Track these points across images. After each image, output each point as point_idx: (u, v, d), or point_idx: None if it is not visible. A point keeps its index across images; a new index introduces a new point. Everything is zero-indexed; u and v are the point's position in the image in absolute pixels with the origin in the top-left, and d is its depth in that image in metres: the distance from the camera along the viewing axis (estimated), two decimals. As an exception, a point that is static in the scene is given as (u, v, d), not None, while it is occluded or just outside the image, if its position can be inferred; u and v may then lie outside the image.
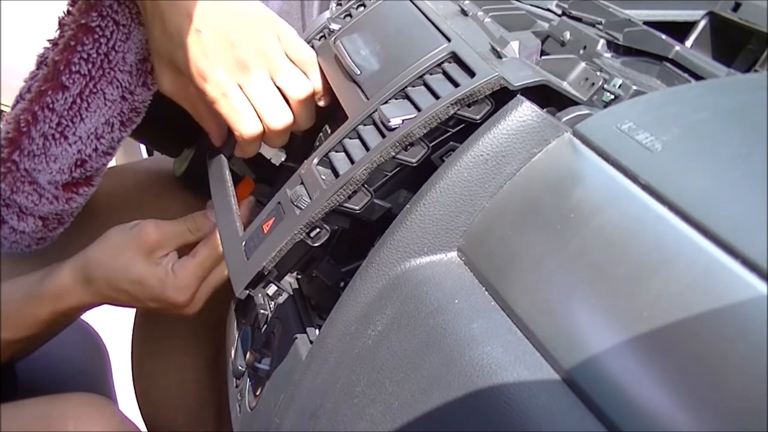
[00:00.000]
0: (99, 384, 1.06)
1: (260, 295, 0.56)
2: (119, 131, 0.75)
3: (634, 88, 0.49)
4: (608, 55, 0.57)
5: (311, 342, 0.58)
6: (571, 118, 0.47)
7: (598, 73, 0.51)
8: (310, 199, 0.53)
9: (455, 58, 0.53)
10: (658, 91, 0.49)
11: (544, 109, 0.47)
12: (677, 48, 0.55)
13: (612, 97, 0.50)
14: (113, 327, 1.28)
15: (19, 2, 1.44)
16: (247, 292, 0.54)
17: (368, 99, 0.56)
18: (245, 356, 0.65)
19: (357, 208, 0.51)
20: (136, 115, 0.75)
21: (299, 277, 0.64)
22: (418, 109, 0.51)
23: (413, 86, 0.53)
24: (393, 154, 0.50)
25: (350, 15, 0.72)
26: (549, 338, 0.38)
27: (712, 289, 0.33)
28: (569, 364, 0.37)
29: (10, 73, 0.86)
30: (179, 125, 0.90)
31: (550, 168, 0.45)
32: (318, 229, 0.52)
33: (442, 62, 0.53)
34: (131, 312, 1.08)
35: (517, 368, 0.38)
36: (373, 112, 0.53)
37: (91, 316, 1.02)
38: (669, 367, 0.33)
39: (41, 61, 0.76)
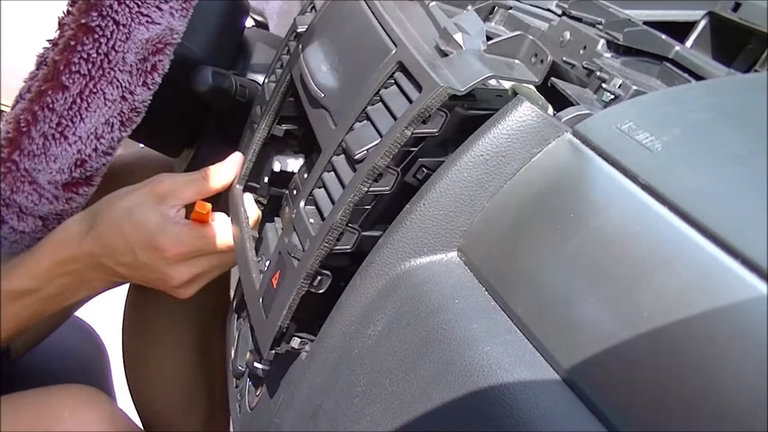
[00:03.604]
0: (98, 384, 1.06)
1: (286, 349, 0.56)
2: (119, 131, 0.75)
3: (634, 88, 0.49)
4: (608, 55, 0.56)
5: (311, 342, 0.58)
6: (570, 118, 0.47)
7: (598, 58, 0.49)
8: (303, 248, 0.53)
9: (402, 67, 0.51)
10: (658, 91, 0.49)
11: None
12: (677, 48, 0.55)
13: (612, 97, 0.50)
14: (113, 327, 1.28)
15: (19, 2, 1.44)
16: (274, 352, 0.55)
17: (336, 125, 0.55)
18: (245, 356, 0.65)
19: (348, 247, 0.51)
20: (136, 115, 0.76)
21: None
22: (380, 133, 0.50)
23: (372, 104, 0.52)
24: (365, 189, 0.49)
25: (314, 7, 0.70)
26: (549, 338, 0.38)
27: (712, 289, 0.32)
28: (569, 364, 0.37)
29: (10, 73, 0.86)
30: (179, 125, 0.90)
31: (550, 168, 0.45)
32: (320, 277, 0.52)
33: (394, 73, 0.52)
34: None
35: (517, 368, 0.38)
36: (342, 141, 0.53)
37: (90, 317, 1.02)
38: (669, 367, 0.33)
39: (41, 61, 0.76)
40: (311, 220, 0.54)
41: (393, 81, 0.52)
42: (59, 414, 0.72)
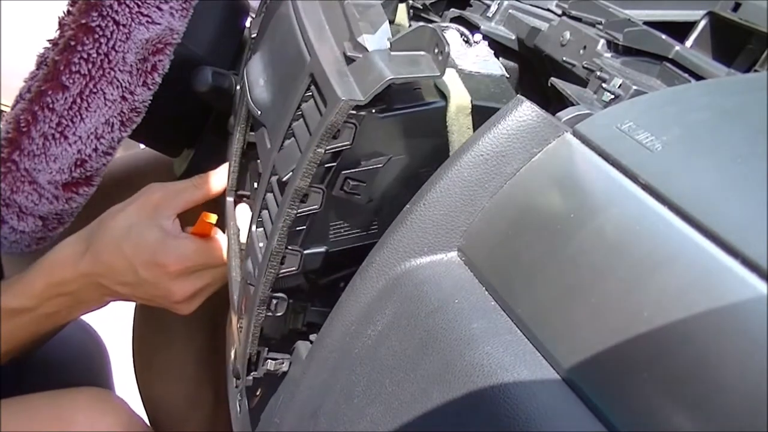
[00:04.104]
0: (99, 383, 1.07)
1: (263, 372, 0.55)
2: (119, 131, 0.75)
3: (634, 88, 0.49)
4: (608, 55, 0.56)
5: (311, 342, 0.58)
6: (571, 118, 0.47)
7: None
8: (254, 274, 0.52)
9: (314, 79, 0.49)
10: (658, 91, 0.49)
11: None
12: (677, 48, 0.55)
13: (612, 97, 0.50)
14: (113, 327, 1.28)
15: (19, 2, 1.44)
16: (251, 378, 0.55)
17: (271, 144, 0.54)
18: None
19: (295, 269, 0.50)
20: (136, 115, 0.75)
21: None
22: (302, 151, 0.48)
23: (296, 120, 0.51)
24: (294, 213, 0.48)
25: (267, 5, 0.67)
26: (549, 338, 0.38)
27: (712, 289, 0.32)
28: (569, 364, 0.37)
29: (10, 73, 0.86)
30: (179, 125, 0.90)
31: (550, 168, 0.45)
32: (275, 301, 0.51)
33: (310, 85, 0.50)
34: (131, 311, 1.09)
35: (517, 368, 0.38)
36: (273, 161, 0.52)
37: (91, 316, 1.02)
38: (669, 367, 0.33)
39: (41, 61, 0.76)
40: (260, 244, 0.53)
41: (311, 94, 0.50)
42: (74, 417, 0.72)
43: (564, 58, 0.58)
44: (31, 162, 0.72)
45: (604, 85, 0.51)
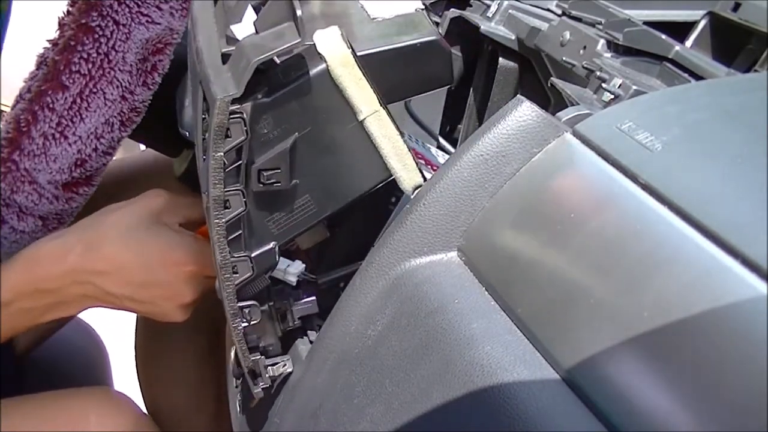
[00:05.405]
0: (99, 383, 1.07)
1: (269, 379, 0.55)
2: (119, 131, 0.75)
3: (634, 88, 0.49)
4: (608, 55, 0.56)
5: (311, 342, 0.58)
6: (570, 118, 0.47)
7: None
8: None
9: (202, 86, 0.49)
10: (658, 91, 0.49)
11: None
12: (677, 48, 0.55)
13: (612, 97, 0.50)
14: (113, 327, 1.28)
15: (19, 2, 1.44)
16: (261, 390, 0.55)
17: (199, 161, 0.53)
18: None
19: (250, 274, 0.50)
20: (136, 114, 0.76)
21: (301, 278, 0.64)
22: None
23: (205, 131, 0.50)
24: (223, 221, 0.48)
25: None
26: (549, 338, 0.38)
27: (712, 289, 0.32)
28: (569, 364, 0.37)
29: (10, 73, 0.86)
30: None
31: (550, 168, 0.45)
32: (246, 309, 0.51)
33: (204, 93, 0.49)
34: (130, 313, 1.09)
35: (517, 368, 0.38)
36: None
37: (91, 317, 1.02)
38: (669, 367, 0.33)
39: (41, 61, 0.76)
40: None
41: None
42: (85, 418, 0.72)
43: (564, 58, 0.58)
44: (31, 162, 0.72)
45: (604, 85, 0.51)
